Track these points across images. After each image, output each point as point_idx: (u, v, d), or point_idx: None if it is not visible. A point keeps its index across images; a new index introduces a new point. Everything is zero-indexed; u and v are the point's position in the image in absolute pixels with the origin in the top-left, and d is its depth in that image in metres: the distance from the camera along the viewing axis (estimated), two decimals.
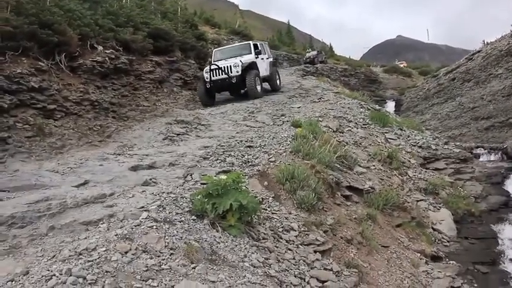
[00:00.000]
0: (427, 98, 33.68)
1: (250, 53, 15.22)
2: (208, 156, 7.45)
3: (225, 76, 13.95)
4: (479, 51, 30.92)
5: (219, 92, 14.79)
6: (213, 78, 14.00)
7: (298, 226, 5.88)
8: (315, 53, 37.47)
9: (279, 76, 17.23)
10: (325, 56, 40.64)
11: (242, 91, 14.83)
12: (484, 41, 33.55)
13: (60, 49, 9.38)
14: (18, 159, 6.61)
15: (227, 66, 14.05)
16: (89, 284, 3.12)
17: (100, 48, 10.76)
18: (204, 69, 14.50)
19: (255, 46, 15.88)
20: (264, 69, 15.57)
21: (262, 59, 15.71)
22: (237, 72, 13.92)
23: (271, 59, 16.95)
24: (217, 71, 14.03)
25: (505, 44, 27.31)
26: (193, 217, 4.87)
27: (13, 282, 3.24)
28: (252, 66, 14.53)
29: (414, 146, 11.38)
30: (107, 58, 10.67)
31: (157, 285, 3.35)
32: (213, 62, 14.96)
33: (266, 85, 16.05)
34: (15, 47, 8.30)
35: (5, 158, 6.58)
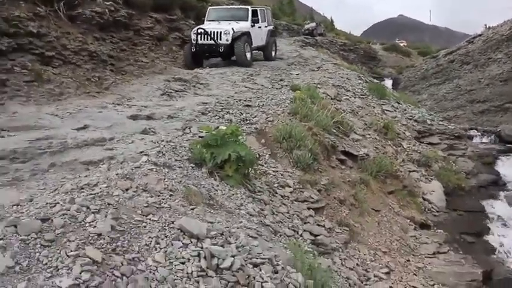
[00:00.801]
0: (424, 78, 33.63)
1: (246, 20, 13.74)
2: (207, 112, 7.46)
3: (213, 42, 12.66)
4: (480, 35, 30.68)
5: (205, 58, 13.49)
6: (199, 41, 12.66)
7: (293, 183, 5.99)
8: (314, 24, 37.16)
9: (275, 47, 16.00)
10: (324, 29, 40.21)
11: (232, 58, 13.46)
12: (486, 25, 33.36)
13: None
14: (17, 102, 6.58)
15: (217, 32, 12.66)
16: (92, 212, 3.16)
17: None
18: (192, 30, 13.11)
19: (254, 13, 14.31)
20: (259, 38, 14.30)
21: (260, 27, 14.49)
22: (227, 40, 12.62)
23: (270, 28, 15.59)
24: (204, 35, 12.71)
25: (506, 29, 27.09)
26: (191, 165, 4.92)
27: (18, 206, 3.29)
28: (244, 35, 13.10)
29: (410, 119, 11.47)
30: (106, 10, 10.49)
31: (158, 220, 3.40)
32: (206, 21, 13.89)
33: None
34: None
35: (4, 100, 6.55)
